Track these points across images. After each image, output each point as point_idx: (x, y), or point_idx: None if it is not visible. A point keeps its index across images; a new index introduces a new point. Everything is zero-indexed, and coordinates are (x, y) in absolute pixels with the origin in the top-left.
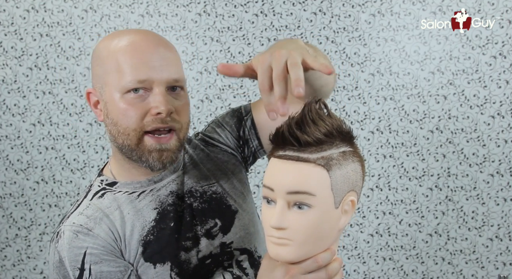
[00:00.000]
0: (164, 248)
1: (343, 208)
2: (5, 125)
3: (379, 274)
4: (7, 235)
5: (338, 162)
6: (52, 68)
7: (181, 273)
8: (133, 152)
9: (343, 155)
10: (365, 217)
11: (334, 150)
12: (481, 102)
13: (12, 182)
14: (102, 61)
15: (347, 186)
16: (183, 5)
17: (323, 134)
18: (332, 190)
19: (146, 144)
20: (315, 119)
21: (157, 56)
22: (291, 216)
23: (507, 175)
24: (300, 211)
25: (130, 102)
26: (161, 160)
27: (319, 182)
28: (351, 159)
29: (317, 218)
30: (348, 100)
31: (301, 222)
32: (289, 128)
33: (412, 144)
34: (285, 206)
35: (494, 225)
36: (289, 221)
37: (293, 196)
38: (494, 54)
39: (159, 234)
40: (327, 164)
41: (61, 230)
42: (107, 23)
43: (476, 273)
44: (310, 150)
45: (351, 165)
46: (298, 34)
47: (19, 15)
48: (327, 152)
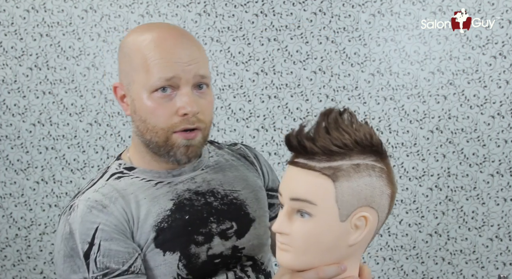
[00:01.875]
0: (176, 237)
1: (353, 223)
2: (5, 125)
3: (379, 274)
4: (7, 235)
5: (347, 174)
6: (52, 68)
7: (188, 265)
8: (161, 148)
9: (356, 168)
10: None
11: (346, 161)
12: (481, 102)
13: (12, 182)
14: (129, 58)
15: (357, 200)
16: (183, 5)
17: (335, 145)
18: (337, 202)
19: (174, 141)
20: (330, 129)
21: (184, 54)
22: (293, 222)
23: (507, 175)
24: (302, 219)
25: (158, 101)
26: (187, 154)
27: (322, 192)
28: (366, 173)
29: (318, 228)
30: (348, 100)
31: (300, 229)
32: (298, 135)
33: (412, 144)
34: (289, 212)
35: (494, 225)
36: (291, 227)
37: (295, 202)
38: (494, 54)
39: (173, 223)
40: (333, 174)
41: (75, 204)
42: (107, 23)
43: (476, 273)
44: (319, 159)
45: (365, 179)
46: (298, 34)
47: (19, 15)
48: (337, 162)
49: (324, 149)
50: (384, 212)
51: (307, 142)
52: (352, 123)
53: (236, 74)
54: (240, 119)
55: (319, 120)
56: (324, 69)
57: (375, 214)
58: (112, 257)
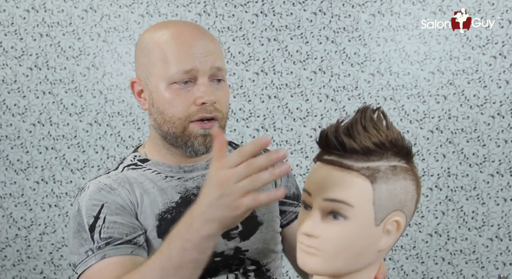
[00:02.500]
0: None
1: (386, 227)
2: (5, 125)
3: None
4: (7, 235)
5: (386, 176)
6: (52, 68)
7: None
8: (178, 139)
9: (393, 170)
10: None
11: (384, 162)
12: (481, 102)
13: (12, 182)
14: (147, 52)
15: (392, 204)
16: (183, 5)
17: (373, 144)
18: (374, 205)
19: (191, 131)
20: (367, 127)
21: (200, 46)
22: (325, 224)
23: (507, 175)
24: (335, 221)
25: (176, 92)
26: (205, 143)
27: (360, 193)
28: (402, 176)
29: (352, 232)
30: (348, 100)
31: (333, 232)
32: (335, 132)
33: (412, 144)
34: (320, 213)
35: (494, 225)
36: (321, 229)
37: (330, 203)
38: (494, 54)
39: (177, 215)
40: (372, 175)
41: (86, 185)
42: (107, 23)
43: (476, 273)
44: (356, 158)
45: (401, 182)
46: (298, 34)
47: (19, 15)
48: (374, 163)
49: (364, 147)
50: (410, 216)
51: (346, 139)
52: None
53: (236, 74)
54: (240, 119)
55: (356, 117)
56: (324, 69)
57: (405, 218)
58: (116, 228)
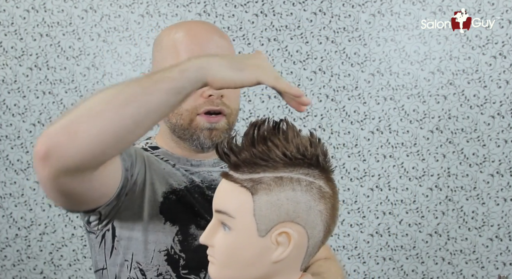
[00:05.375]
0: (179, 212)
1: (275, 239)
2: (5, 125)
3: (379, 274)
4: (7, 235)
5: (268, 187)
6: (52, 68)
7: (183, 242)
8: (186, 131)
9: (278, 180)
10: (365, 217)
11: (269, 174)
12: (481, 102)
13: (12, 182)
14: (161, 47)
15: (277, 215)
16: (183, 5)
17: (258, 158)
18: (255, 216)
19: (198, 123)
20: (257, 141)
21: (212, 44)
22: (217, 234)
23: (507, 175)
24: (224, 231)
25: None
26: (211, 137)
27: (240, 205)
28: (289, 187)
29: (236, 242)
30: (348, 100)
31: (222, 242)
32: (224, 146)
33: (412, 144)
34: (216, 224)
35: (494, 225)
36: (215, 239)
37: (218, 214)
38: (494, 54)
39: (181, 199)
40: (253, 187)
41: None
42: (107, 23)
43: (476, 273)
44: (243, 171)
45: (286, 193)
46: (298, 34)
47: (19, 15)
48: (258, 175)
49: (246, 161)
50: (315, 228)
51: (231, 154)
52: (287, 135)
53: None
54: (240, 119)
55: (246, 131)
56: (324, 69)
57: (302, 230)
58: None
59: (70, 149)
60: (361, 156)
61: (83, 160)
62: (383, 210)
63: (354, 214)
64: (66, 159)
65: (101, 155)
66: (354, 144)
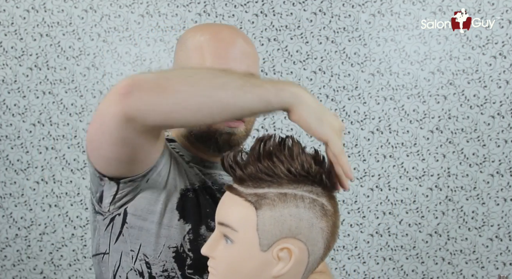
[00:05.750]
0: (192, 211)
1: (277, 254)
2: (5, 125)
3: (379, 274)
4: (7, 235)
5: (272, 203)
6: (52, 68)
7: (193, 241)
8: (204, 133)
9: (282, 197)
10: (365, 217)
11: (273, 189)
12: (481, 102)
13: (12, 182)
14: (186, 47)
15: (279, 231)
16: (183, 5)
17: (264, 173)
18: (258, 230)
19: (217, 127)
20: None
21: (238, 49)
22: (219, 246)
23: (507, 175)
24: (226, 244)
25: None
26: (229, 141)
27: (243, 219)
28: (293, 203)
29: (238, 255)
30: (348, 100)
31: (223, 254)
32: (229, 159)
33: (412, 144)
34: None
35: (494, 225)
36: (217, 251)
37: (221, 227)
38: (494, 54)
39: (196, 198)
40: (257, 202)
41: None
42: (107, 23)
43: (476, 273)
44: (247, 185)
45: (290, 209)
46: (298, 34)
47: (19, 15)
48: (263, 190)
49: (251, 175)
50: (316, 245)
51: (237, 167)
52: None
53: None
54: None
55: (252, 146)
56: (324, 69)
57: (303, 246)
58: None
59: (154, 98)
60: (361, 156)
61: (158, 116)
62: (383, 210)
63: (354, 214)
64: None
65: (174, 120)
66: (354, 143)
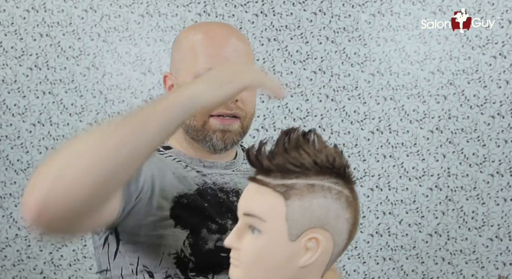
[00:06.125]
0: (190, 216)
1: (305, 244)
2: (5, 125)
3: (379, 274)
4: (7, 235)
5: (301, 193)
6: (52, 68)
7: (194, 245)
8: (199, 132)
9: (310, 187)
10: (365, 217)
11: (301, 180)
12: (481, 102)
13: (12, 182)
14: (180, 48)
15: (308, 221)
16: (183, 5)
17: (291, 164)
18: (287, 220)
19: (211, 124)
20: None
21: (230, 47)
22: (244, 237)
23: (507, 175)
24: (252, 235)
25: None
26: (224, 139)
27: (272, 209)
28: (321, 194)
29: (265, 246)
30: (348, 100)
31: (250, 245)
32: (256, 151)
33: (412, 144)
34: (242, 227)
35: (494, 225)
36: (242, 242)
37: (247, 218)
38: (494, 54)
39: (193, 203)
40: (286, 192)
41: None
42: (107, 23)
43: (476, 273)
44: (275, 176)
45: (318, 199)
46: (298, 34)
47: (19, 15)
48: (291, 181)
49: (279, 166)
50: (341, 236)
51: (264, 159)
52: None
53: None
54: None
55: (279, 138)
56: (324, 69)
57: (329, 237)
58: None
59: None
60: (361, 156)
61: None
62: (383, 210)
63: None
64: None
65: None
66: (354, 143)
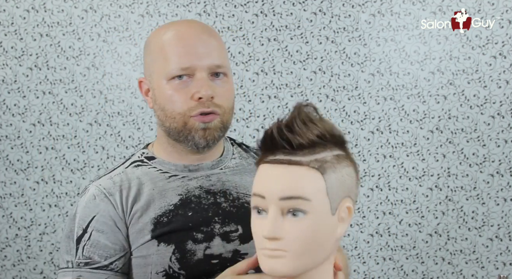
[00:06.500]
0: (173, 232)
1: (340, 215)
2: (5, 125)
3: (379, 274)
4: (7, 235)
5: (333, 165)
6: (52, 68)
7: (182, 260)
8: (180, 133)
9: (337, 158)
10: (365, 217)
11: (328, 152)
12: (481, 102)
13: (12, 182)
14: (151, 51)
15: (342, 191)
16: (183, 5)
17: (316, 136)
18: (328, 195)
19: (191, 125)
20: (306, 122)
21: (200, 44)
22: (286, 224)
23: (507, 175)
24: (295, 218)
25: (175, 88)
26: (205, 137)
27: (314, 186)
28: (345, 163)
29: (314, 225)
30: (348, 100)
31: (297, 230)
32: (279, 131)
33: (412, 144)
34: (279, 214)
35: (494, 225)
36: (284, 230)
37: (287, 202)
38: (494, 54)
39: (174, 218)
40: (321, 167)
41: (88, 187)
42: (107, 23)
43: (476, 273)
44: (303, 153)
45: (346, 169)
46: (298, 34)
47: (19, 15)
48: (320, 154)
49: (309, 140)
50: (355, 201)
51: (291, 135)
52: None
53: (236, 74)
54: (240, 119)
55: (294, 114)
56: (324, 69)
57: (352, 203)
58: (98, 249)
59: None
60: (361, 156)
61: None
62: (383, 210)
63: (354, 214)
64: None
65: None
66: (354, 144)
